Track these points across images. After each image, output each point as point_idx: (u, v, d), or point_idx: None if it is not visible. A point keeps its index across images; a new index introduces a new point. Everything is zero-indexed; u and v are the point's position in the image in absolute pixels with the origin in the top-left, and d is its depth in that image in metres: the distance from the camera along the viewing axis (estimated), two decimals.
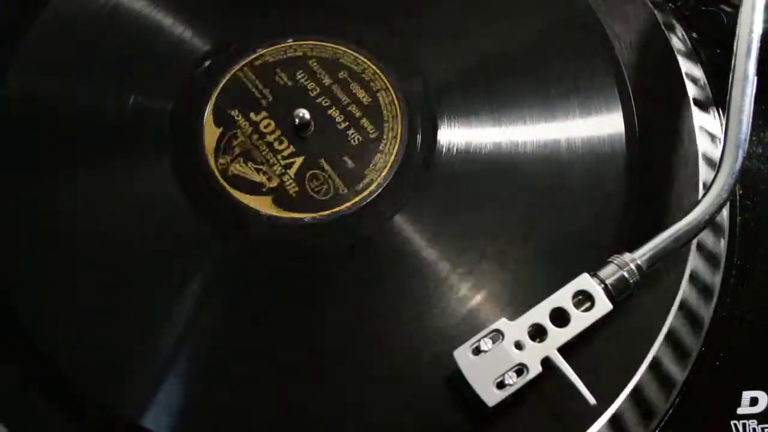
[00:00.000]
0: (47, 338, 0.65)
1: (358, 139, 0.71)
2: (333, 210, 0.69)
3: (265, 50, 0.75)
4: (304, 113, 0.71)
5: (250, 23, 0.78)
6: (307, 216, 0.69)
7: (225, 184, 0.70)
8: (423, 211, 0.69)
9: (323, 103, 0.73)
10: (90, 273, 0.68)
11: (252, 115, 0.73)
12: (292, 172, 0.70)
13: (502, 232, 0.68)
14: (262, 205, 0.69)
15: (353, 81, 0.74)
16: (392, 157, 0.71)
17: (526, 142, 0.71)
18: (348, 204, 0.69)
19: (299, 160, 0.71)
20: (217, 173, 0.71)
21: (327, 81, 0.74)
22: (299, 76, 0.74)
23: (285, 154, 0.71)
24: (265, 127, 0.72)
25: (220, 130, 0.72)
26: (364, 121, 0.72)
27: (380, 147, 0.71)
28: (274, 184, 0.70)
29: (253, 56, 0.75)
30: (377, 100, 0.73)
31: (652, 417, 0.66)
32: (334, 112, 0.73)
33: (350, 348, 0.65)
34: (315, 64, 0.75)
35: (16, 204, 0.70)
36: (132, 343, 0.65)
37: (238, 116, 0.73)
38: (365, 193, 0.69)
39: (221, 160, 0.71)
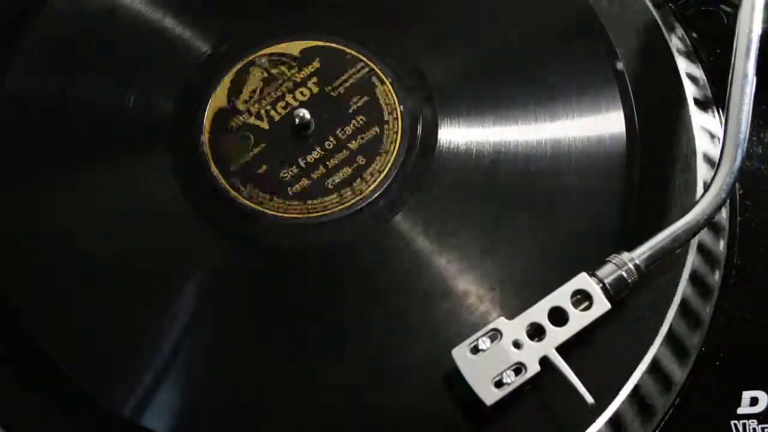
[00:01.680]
0: (47, 338, 0.65)
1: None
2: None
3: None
4: (304, 113, 0.71)
5: (250, 23, 0.77)
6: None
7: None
8: (423, 211, 0.68)
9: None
10: (90, 273, 0.68)
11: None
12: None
13: (502, 232, 0.68)
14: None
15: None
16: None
17: (526, 142, 0.70)
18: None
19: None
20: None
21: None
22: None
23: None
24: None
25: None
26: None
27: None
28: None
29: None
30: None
31: (651, 417, 0.66)
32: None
33: (349, 347, 0.65)
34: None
35: (16, 204, 0.70)
36: (132, 343, 0.65)
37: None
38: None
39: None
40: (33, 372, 0.65)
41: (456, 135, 0.71)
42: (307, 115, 0.71)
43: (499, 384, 0.59)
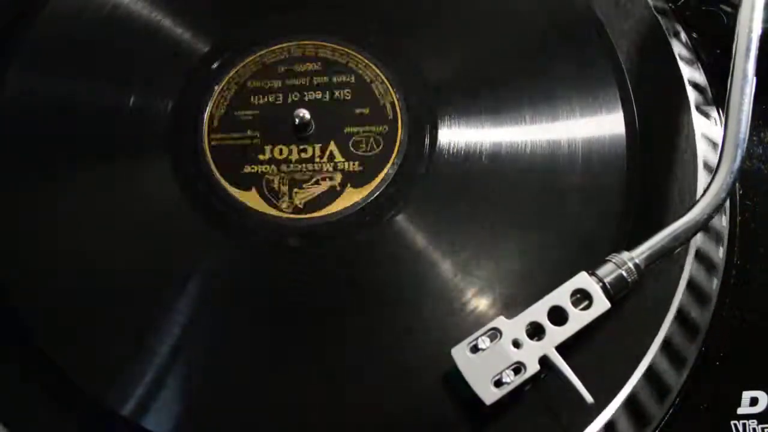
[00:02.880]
0: (47, 338, 0.66)
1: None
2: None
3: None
4: (305, 113, 0.71)
5: (250, 23, 0.78)
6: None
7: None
8: (423, 211, 0.69)
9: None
10: (90, 273, 0.68)
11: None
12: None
13: (501, 232, 0.68)
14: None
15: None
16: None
17: (526, 142, 0.71)
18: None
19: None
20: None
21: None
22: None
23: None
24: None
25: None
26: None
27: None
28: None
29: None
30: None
31: (648, 421, 0.66)
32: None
33: (349, 347, 0.65)
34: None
35: (17, 203, 0.71)
36: (132, 343, 0.65)
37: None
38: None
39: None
40: (33, 372, 0.65)
41: (456, 135, 0.71)
42: (307, 115, 0.71)
43: (498, 383, 0.59)
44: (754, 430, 0.67)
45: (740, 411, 0.68)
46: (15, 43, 0.76)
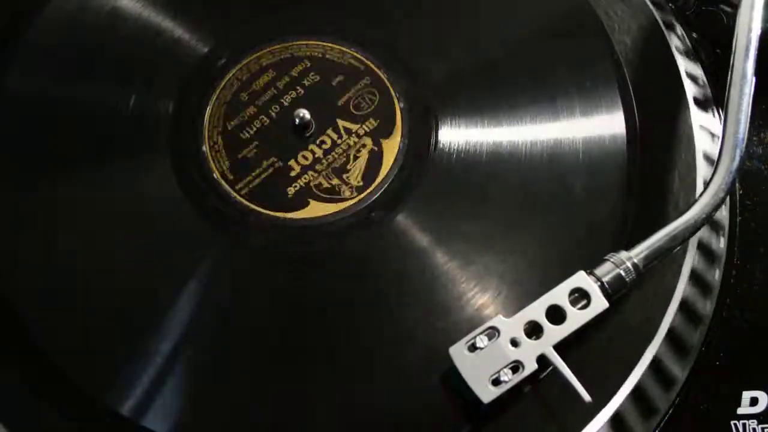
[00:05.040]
0: (47, 338, 0.65)
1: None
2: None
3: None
4: (305, 113, 0.71)
5: (250, 23, 0.78)
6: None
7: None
8: (423, 211, 0.69)
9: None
10: (90, 273, 0.68)
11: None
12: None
13: (501, 231, 0.68)
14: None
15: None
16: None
17: (526, 142, 0.71)
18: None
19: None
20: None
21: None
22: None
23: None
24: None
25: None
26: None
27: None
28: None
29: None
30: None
31: (652, 415, 0.66)
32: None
33: (349, 347, 0.65)
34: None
35: (17, 204, 0.71)
36: (132, 343, 0.65)
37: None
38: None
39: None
40: (33, 372, 0.65)
41: (456, 135, 0.71)
42: (307, 116, 0.71)
43: (496, 382, 0.59)
44: (754, 430, 0.67)
45: (740, 411, 0.68)
46: (15, 43, 0.76)
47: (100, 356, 0.65)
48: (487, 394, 0.58)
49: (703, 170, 0.70)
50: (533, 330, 0.60)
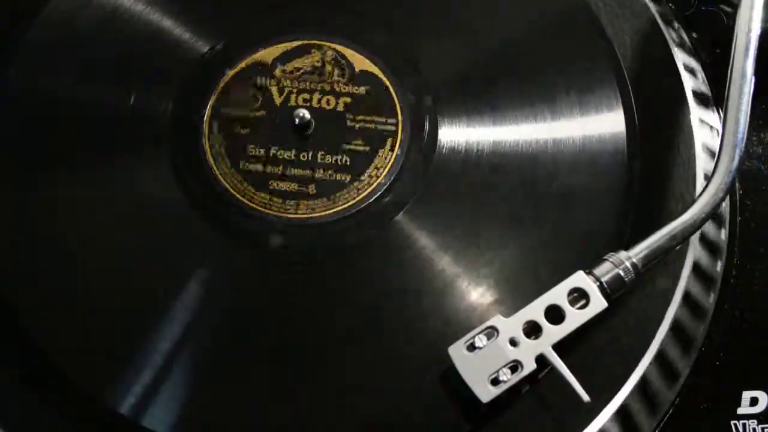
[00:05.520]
0: (47, 338, 0.65)
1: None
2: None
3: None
4: (305, 113, 0.71)
5: (250, 23, 0.78)
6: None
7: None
8: (423, 211, 0.69)
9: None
10: (90, 272, 0.68)
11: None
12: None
13: (501, 231, 0.68)
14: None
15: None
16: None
17: (526, 141, 0.71)
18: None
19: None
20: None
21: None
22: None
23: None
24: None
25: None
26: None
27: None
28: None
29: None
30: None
31: (657, 408, 0.66)
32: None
33: (348, 346, 0.65)
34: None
35: (17, 204, 0.71)
36: (132, 343, 0.65)
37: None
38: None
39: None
40: (33, 372, 0.65)
41: (456, 135, 0.71)
42: (307, 115, 0.71)
43: (495, 382, 0.59)
44: (754, 430, 0.67)
45: (740, 411, 0.67)
46: (15, 43, 0.76)
47: (100, 356, 0.65)
48: (486, 393, 0.58)
49: (703, 169, 0.70)
50: (532, 330, 0.60)
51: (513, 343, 0.59)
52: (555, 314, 0.60)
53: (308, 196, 0.70)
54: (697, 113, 0.72)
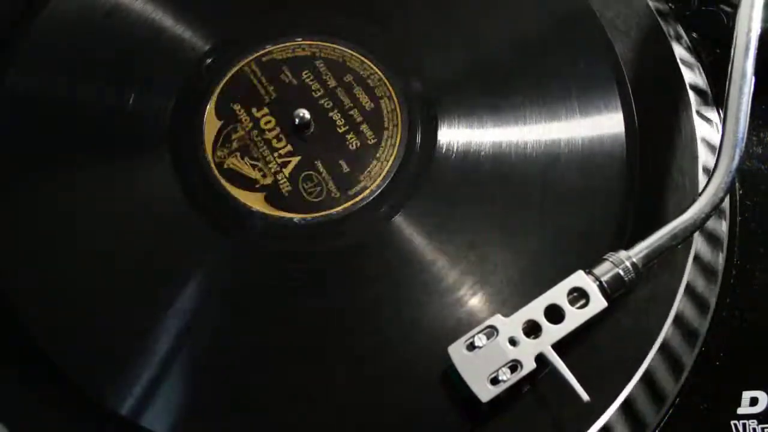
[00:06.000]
0: (47, 338, 0.65)
1: (356, 144, 0.72)
2: (322, 213, 0.69)
3: (272, 47, 0.76)
4: (305, 113, 0.71)
5: (250, 23, 0.78)
6: (296, 216, 0.69)
7: (219, 177, 0.71)
8: (423, 211, 0.69)
9: (326, 104, 0.73)
10: (90, 272, 0.68)
11: (254, 110, 0.73)
12: (287, 171, 0.71)
13: (501, 231, 0.68)
14: (255, 201, 0.70)
15: (358, 85, 0.74)
16: (388, 165, 0.71)
17: (526, 142, 0.71)
18: (338, 209, 0.69)
19: (295, 160, 0.71)
20: (212, 165, 0.71)
21: (332, 83, 0.74)
22: (304, 76, 0.75)
23: (282, 152, 0.71)
24: (266, 124, 0.73)
25: (221, 122, 0.73)
26: (364, 127, 0.72)
27: (377, 154, 0.71)
28: (268, 181, 0.70)
29: (261, 52, 0.76)
30: (380, 106, 0.73)
31: (649, 419, 0.66)
32: (335, 115, 0.73)
33: (348, 346, 0.65)
34: (321, 65, 0.75)
35: (17, 203, 0.71)
36: (131, 343, 0.65)
37: (239, 110, 0.73)
38: (357, 198, 0.70)
39: (218, 153, 0.71)
40: (33, 372, 0.65)
41: (455, 135, 0.71)
42: (307, 115, 0.71)
43: (494, 381, 0.59)
44: (754, 430, 0.67)
45: (740, 411, 0.67)
46: (15, 43, 0.76)
47: (100, 356, 0.65)
48: (485, 392, 0.58)
49: (702, 169, 0.70)
50: (532, 329, 0.60)
51: (513, 342, 0.60)
52: (555, 314, 0.60)
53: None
54: (696, 112, 0.72)
